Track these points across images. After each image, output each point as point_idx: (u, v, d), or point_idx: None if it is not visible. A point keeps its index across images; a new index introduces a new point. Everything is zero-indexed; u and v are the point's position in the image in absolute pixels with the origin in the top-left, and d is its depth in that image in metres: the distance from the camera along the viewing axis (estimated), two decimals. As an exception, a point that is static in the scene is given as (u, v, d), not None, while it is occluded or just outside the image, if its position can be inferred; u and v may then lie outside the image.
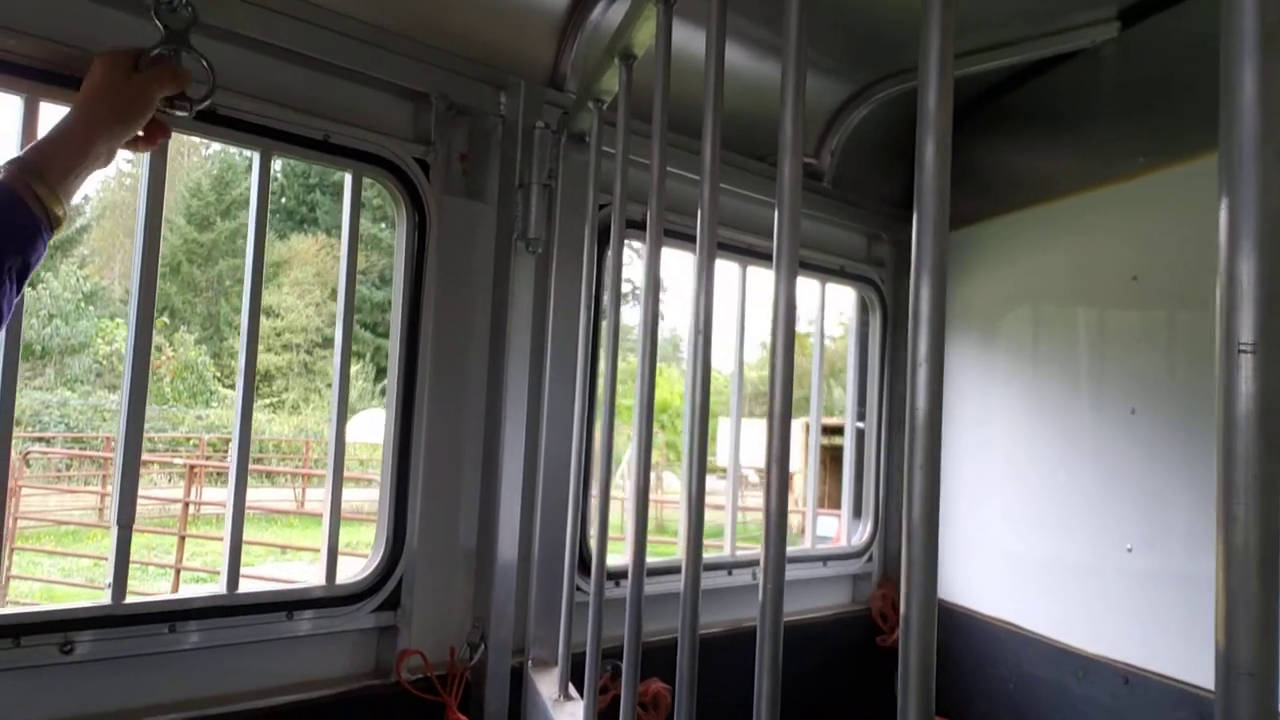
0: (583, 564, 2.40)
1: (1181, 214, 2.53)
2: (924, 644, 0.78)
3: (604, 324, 2.56)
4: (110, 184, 39.11)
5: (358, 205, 2.17)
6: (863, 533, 3.50)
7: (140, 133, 1.62)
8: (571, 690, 2.14)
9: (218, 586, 2.00)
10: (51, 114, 1.71)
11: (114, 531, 1.85)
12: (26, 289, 1.43)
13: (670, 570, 2.75)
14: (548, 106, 2.39)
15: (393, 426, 2.24)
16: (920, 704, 0.79)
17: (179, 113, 1.69)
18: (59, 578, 13.14)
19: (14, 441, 1.73)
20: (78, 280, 31.96)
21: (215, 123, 1.89)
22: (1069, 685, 2.77)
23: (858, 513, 3.55)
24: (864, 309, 3.60)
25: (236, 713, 1.96)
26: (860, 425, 3.57)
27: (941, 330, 0.81)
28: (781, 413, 1.03)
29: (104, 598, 1.83)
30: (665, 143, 1.61)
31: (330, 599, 2.12)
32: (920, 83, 0.85)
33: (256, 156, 2.00)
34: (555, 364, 2.39)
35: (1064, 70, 2.96)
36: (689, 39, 1.67)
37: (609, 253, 2.60)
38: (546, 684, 2.21)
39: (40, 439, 22.56)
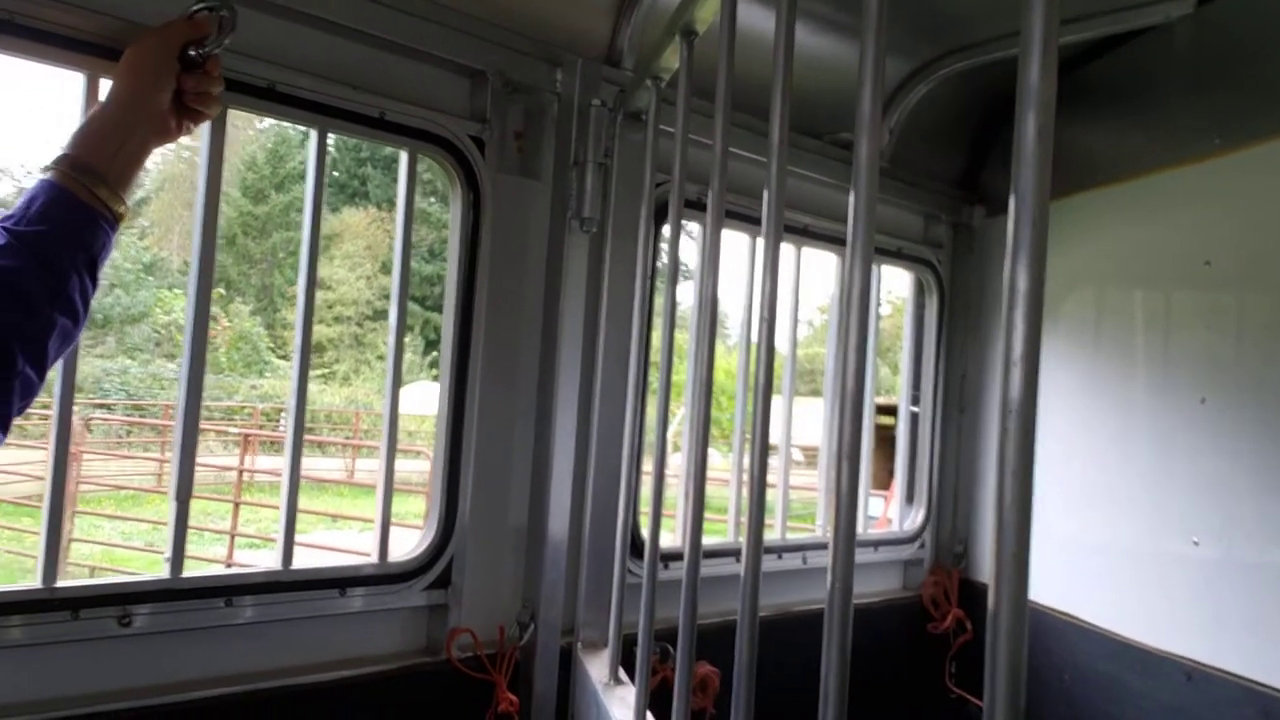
0: (633, 545, 2.39)
1: (1259, 197, 2.44)
2: (1014, 648, 0.75)
3: (656, 303, 2.55)
4: (169, 156, 39.74)
5: (413, 183, 2.16)
6: (915, 518, 3.45)
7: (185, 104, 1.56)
8: (621, 674, 2.13)
9: (272, 559, 2.02)
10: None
11: (172, 506, 1.87)
12: None
13: (722, 553, 2.73)
14: (604, 84, 2.35)
15: (446, 404, 2.24)
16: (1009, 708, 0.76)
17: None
18: (119, 541, 13.51)
19: (77, 408, 1.74)
20: (137, 251, 32.67)
21: (273, 100, 1.89)
22: (1128, 679, 2.71)
23: (910, 497, 3.50)
24: (920, 291, 3.53)
25: (291, 686, 1.99)
26: (915, 409, 3.51)
27: (1038, 318, 0.77)
28: (854, 400, 0.99)
29: (162, 570, 1.86)
30: (729, 122, 1.57)
31: (382, 577, 2.13)
32: (1021, 53, 0.80)
33: (314, 134, 2.00)
34: (608, 343, 2.36)
35: (1137, 47, 2.86)
36: (746, 13, 1.62)
37: (663, 233, 2.57)
38: (596, 666, 2.21)
39: (101, 405, 23.14)
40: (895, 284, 3.62)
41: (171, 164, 39.89)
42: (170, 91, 1.52)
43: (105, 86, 1.70)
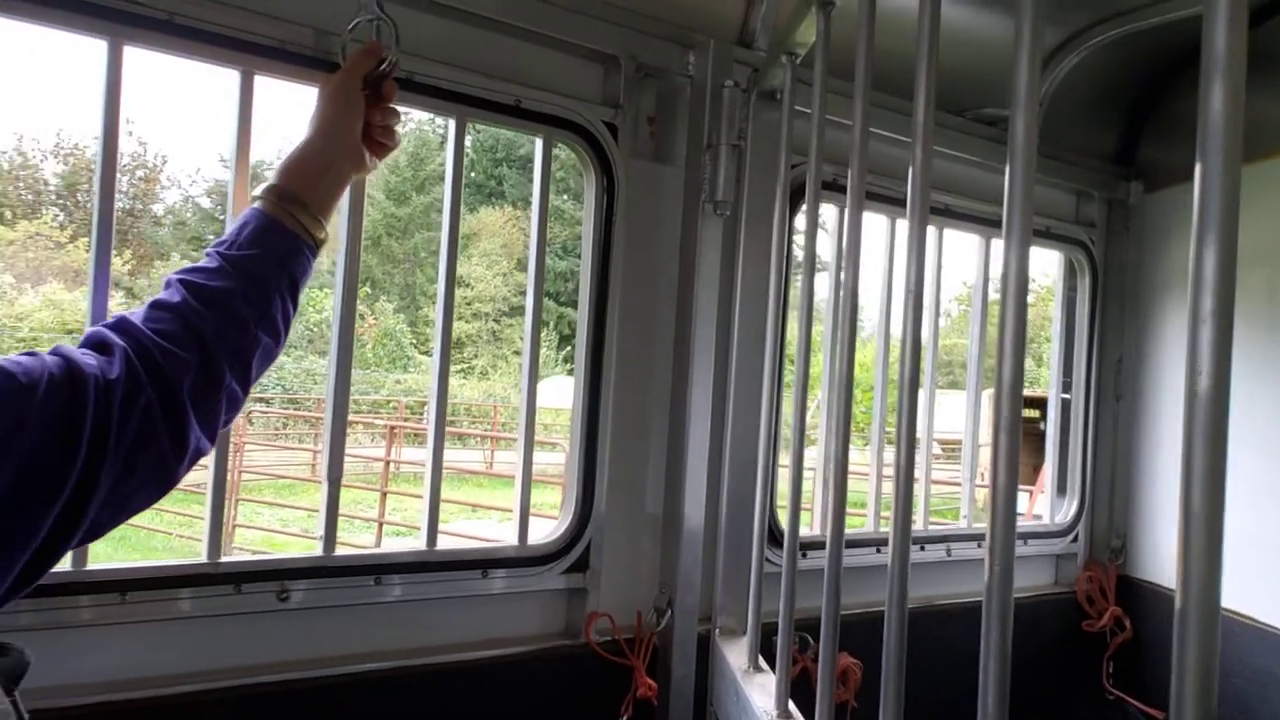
0: (770, 534, 2.35)
1: None
2: (1205, 656, 0.69)
3: (793, 289, 2.49)
4: (318, 163, 41.64)
5: (548, 170, 2.18)
6: (1067, 511, 3.28)
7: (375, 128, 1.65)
8: (760, 662, 2.10)
9: (418, 542, 2.08)
10: (265, 85, 1.81)
11: (324, 488, 1.95)
12: None
13: (863, 543, 2.66)
14: (737, 65, 2.32)
15: (581, 390, 2.25)
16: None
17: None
18: (277, 527, 14.29)
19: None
20: (290, 254, 34.32)
21: (414, 91, 1.93)
22: (1311, 685, 2.50)
23: (1062, 489, 3.33)
24: (1071, 273, 3.35)
25: (436, 665, 2.04)
26: (1066, 397, 3.34)
27: (1229, 301, 0.71)
28: (1012, 385, 0.94)
29: (316, 549, 1.94)
30: (868, 100, 1.52)
31: (522, 559, 2.16)
32: (1206, 11, 0.73)
33: (452, 123, 2.04)
34: (742, 330, 2.33)
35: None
36: (886, -18, 1.56)
37: (799, 215, 2.51)
38: (734, 653, 2.18)
39: (261, 399, 24.48)
40: (1035, 270, 3.40)
41: (321, 170, 41.77)
42: (361, 122, 1.61)
43: (260, 83, 1.80)
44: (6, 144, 34.47)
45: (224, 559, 1.80)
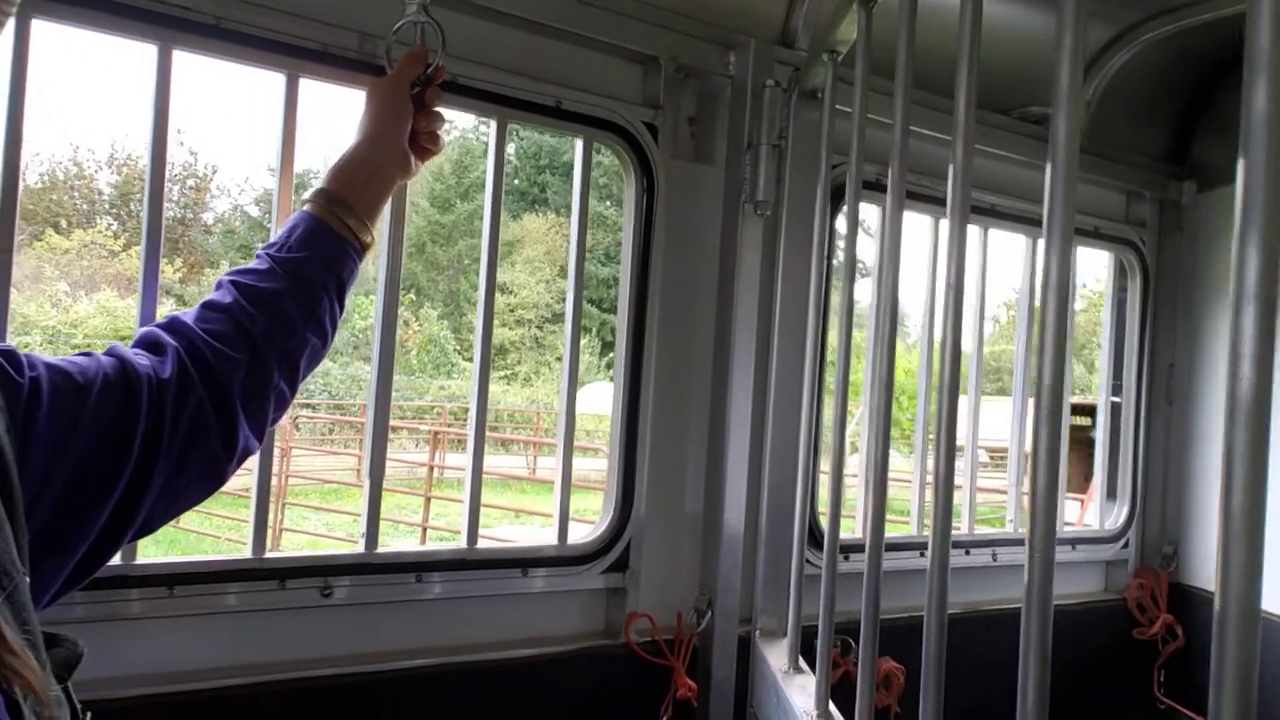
0: (811, 536, 2.33)
1: None
2: (1243, 665, 0.68)
3: (834, 290, 2.48)
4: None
5: (588, 172, 2.19)
6: (1117, 516, 3.22)
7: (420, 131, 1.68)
8: (801, 663, 2.09)
9: (459, 542, 2.10)
10: (310, 88, 1.85)
11: (365, 486, 1.97)
12: None
13: (905, 546, 2.63)
14: (778, 65, 2.31)
15: (621, 391, 2.26)
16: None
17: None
18: (323, 531, 14.47)
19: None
20: (337, 261, 34.74)
21: (456, 92, 1.95)
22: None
23: (1112, 494, 3.27)
24: (1121, 274, 3.29)
25: (477, 662, 2.05)
26: (1116, 400, 3.28)
27: (1274, 304, 0.70)
28: (1052, 386, 0.93)
29: (358, 546, 1.96)
30: (909, 98, 1.51)
31: (562, 559, 2.17)
32: (1249, 9, 0.72)
33: (493, 125, 2.06)
34: (783, 331, 2.32)
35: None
36: (928, -22, 1.55)
37: (840, 215, 2.50)
38: (775, 655, 2.17)
39: (307, 405, 24.83)
40: (1087, 276, 3.33)
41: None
42: (408, 128, 1.64)
43: (305, 86, 1.83)
44: (63, 155, 35.42)
45: (269, 554, 1.83)
